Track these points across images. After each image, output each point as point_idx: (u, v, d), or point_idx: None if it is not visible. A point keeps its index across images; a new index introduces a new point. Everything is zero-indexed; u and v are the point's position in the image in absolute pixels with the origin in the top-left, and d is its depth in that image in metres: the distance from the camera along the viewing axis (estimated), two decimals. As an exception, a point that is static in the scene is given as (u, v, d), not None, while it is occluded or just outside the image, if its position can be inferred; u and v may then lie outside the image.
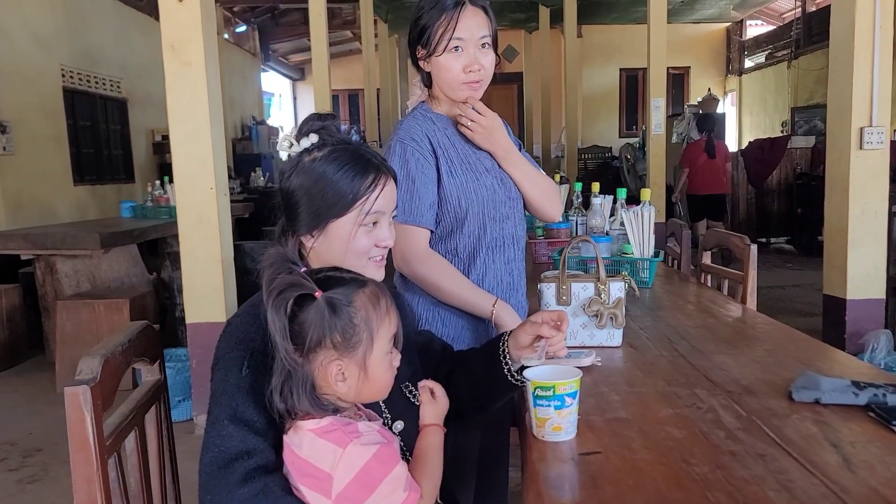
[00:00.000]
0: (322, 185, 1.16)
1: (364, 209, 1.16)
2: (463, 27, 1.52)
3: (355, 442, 0.96)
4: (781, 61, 12.38)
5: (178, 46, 2.97)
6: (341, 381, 1.01)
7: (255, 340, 1.06)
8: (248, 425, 1.02)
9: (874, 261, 3.30)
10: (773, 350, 1.64)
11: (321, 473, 0.96)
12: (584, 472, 1.05)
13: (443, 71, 1.56)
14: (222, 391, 1.05)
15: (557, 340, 1.18)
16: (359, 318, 1.00)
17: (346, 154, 1.18)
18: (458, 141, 1.65)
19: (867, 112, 3.18)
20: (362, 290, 1.03)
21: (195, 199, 3.08)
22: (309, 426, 0.99)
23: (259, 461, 1.01)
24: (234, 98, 10.73)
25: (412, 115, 1.66)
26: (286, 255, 1.03)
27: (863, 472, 1.00)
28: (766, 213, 8.42)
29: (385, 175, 1.20)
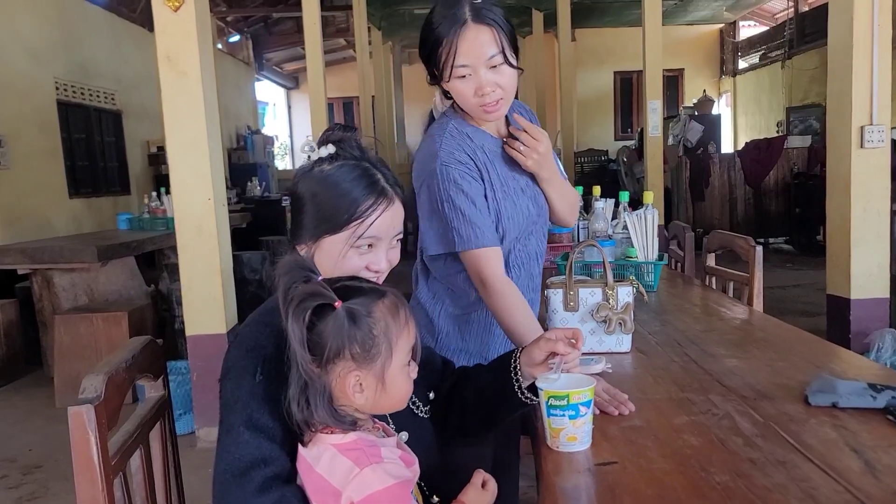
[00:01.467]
0: (322, 198, 1.13)
1: (357, 232, 1.12)
2: (465, 52, 1.37)
3: (375, 467, 0.94)
4: (775, 61, 12.41)
5: (173, 57, 2.95)
6: (359, 392, 0.99)
7: (266, 348, 1.04)
8: (264, 432, 1.00)
9: (877, 260, 3.29)
10: (784, 353, 1.62)
11: (331, 489, 0.94)
12: (601, 483, 1.02)
13: (457, 95, 1.45)
14: (236, 399, 1.03)
15: (572, 357, 1.16)
16: (378, 329, 0.98)
17: (355, 171, 1.15)
18: (496, 158, 1.53)
19: (867, 110, 3.17)
20: (382, 301, 1.00)
21: (193, 210, 3.06)
22: (332, 440, 0.97)
23: (276, 469, 0.99)
24: (228, 108, 10.71)
25: (448, 134, 1.50)
26: (303, 262, 1.01)
27: (887, 478, 0.97)
28: (764, 213, 8.42)
29: (389, 199, 1.15)
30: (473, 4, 1.38)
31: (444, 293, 1.59)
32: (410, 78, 14.13)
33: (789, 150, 8.39)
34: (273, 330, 1.06)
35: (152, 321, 4.28)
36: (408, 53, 14.34)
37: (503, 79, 1.41)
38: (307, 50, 5.93)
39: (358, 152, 1.17)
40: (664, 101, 6.63)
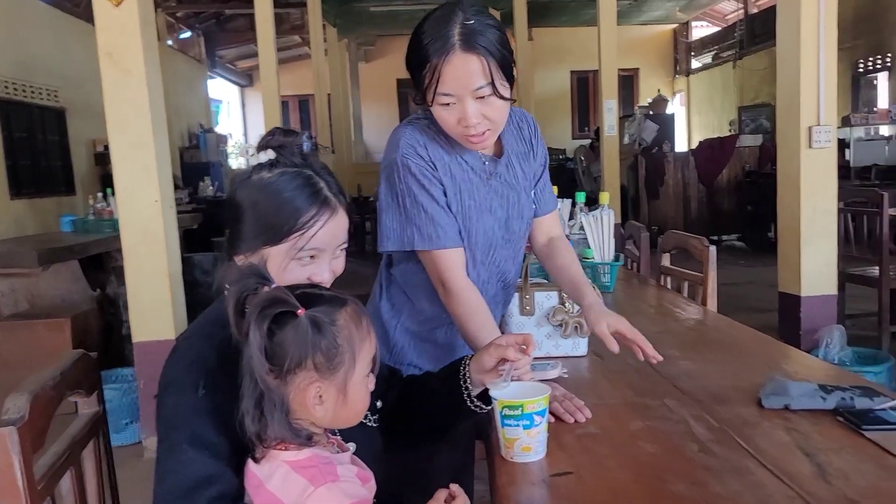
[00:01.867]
0: (262, 208, 1.07)
1: (299, 244, 1.07)
2: (449, 81, 1.25)
3: (330, 485, 0.90)
4: (727, 61, 12.68)
5: (115, 54, 2.84)
6: (318, 404, 0.94)
7: (209, 360, 0.99)
8: (208, 449, 0.95)
9: (826, 258, 3.36)
10: (738, 354, 1.62)
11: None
12: (556, 495, 1.00)
13: (440, 121, 1.33)
14: (177, 415, 0.98)
15: (523, 363, 1.12)
16: (342, 338, 0.94)
17: (296, 180, 1.09)
18: (470, 171, 1.42)
19: (815, 111, 3.23)
20: (345, 309, 0.96)
21: (139, 212, 2.96)
22: (286, 457, 0.93)
23: (222, 488, 0.94)
24: (180, 106, 10.46)
25: (420, 128, 1.40)
26: (256, 269, 0.96)
27: (838, 482, 0.97)
28: (717, 211, 8.57)
29: (332, 209, 1.10)
30: (465, 26, 1.24)
31: (403, 305, 1.51)
32: (367, 76, 14.04)
33: (741, 149, 8.56)
34: (215, 341, 1.01)
35: (98, 327, 4.14)
36: (364, 51, 14.23)
37: (491, 110, 1.29)
38: (259, 47, 5.82)
39: (300, 159, 1.12)
40: (620, 101, 6.71)
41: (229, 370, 0.97)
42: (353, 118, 12.65)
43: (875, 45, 9.71)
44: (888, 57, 9.48)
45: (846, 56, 10.12)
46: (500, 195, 1.45)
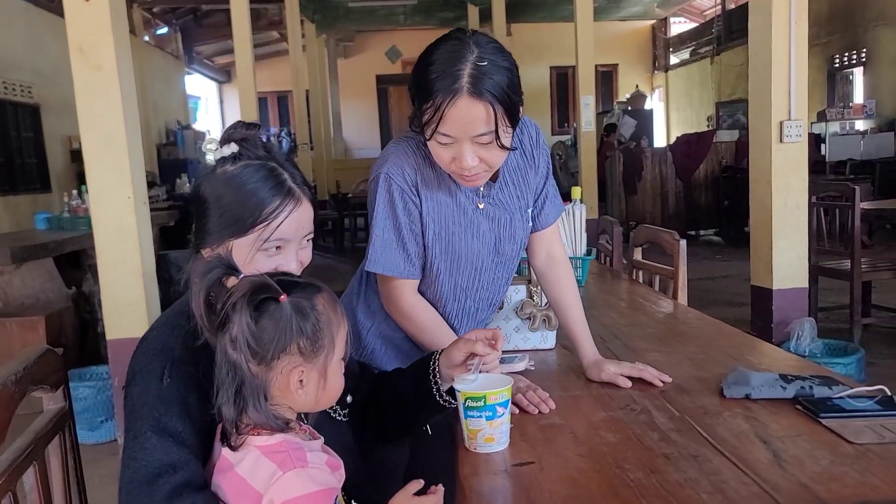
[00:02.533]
0: (227, 200, 1.08)
1: (264, 234, 1.07)
2: (451, 123, 1.20)
3: (299, 471, 0.91)
4: (704, 57, 12.79)
5: (86, 49, 2.81)
6: (300, 388, 0.96)
7: (174, 350, 1.01)
8: (172, 436, 0.96)
9: (797, 251, 3.40)
10: (705, 346, 1.65)
11: (251, 492, 0.91)
12: (517, 485, 1.01)
13: (433, 154, 1.29)
14: (142, 404, 0.98)
15: (492, 358, 1.14)
16: (323, 322, 0.96)
17: (259, 172, 1.10)
18: (459, 192, 1.39)
19: (786, 106, 3.27)
20: (321, 294, 0.98)
21: (112, 209, 2.93)
22: (257, 442, 0.94)
23: (185, 476, 0.94)
24: (157, 102, 10.37)
25: (408, 143, 1.37)
26: (225, 260, 0.97)
27: (793, 468, 0.99)
28: (694, 206, 8.65)
29: (297, 200, 1.10)
30: (478, 67, 1.18)
31: (381, 310, 1.49)
32: (346, 72, 13.99)
33: (718, 144, 8.64)
34: (181, 332, 1.03)
35: (73, 325, 4.10)
36: (343, 47, 14.18)
37: (489, 156, 1.25)
38: (235, 43, 5.78)
39: (263, 151, 1.12)
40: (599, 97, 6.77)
41: (194, 360, 0.99)
42: (333, 114, 12.61)
43: (850, 41, 9.84)
44: (863, 52, 9.61)
45: (822, 52, 10.26)
46: (491, 218, 1.43)
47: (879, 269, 4.13)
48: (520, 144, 1.44)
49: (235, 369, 0.92)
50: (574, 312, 1.50)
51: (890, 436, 1.07)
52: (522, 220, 1.48)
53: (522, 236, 1.50)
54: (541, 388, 1.31)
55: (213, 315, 0.94)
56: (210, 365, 0.98)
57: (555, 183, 1.55)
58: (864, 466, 0.98)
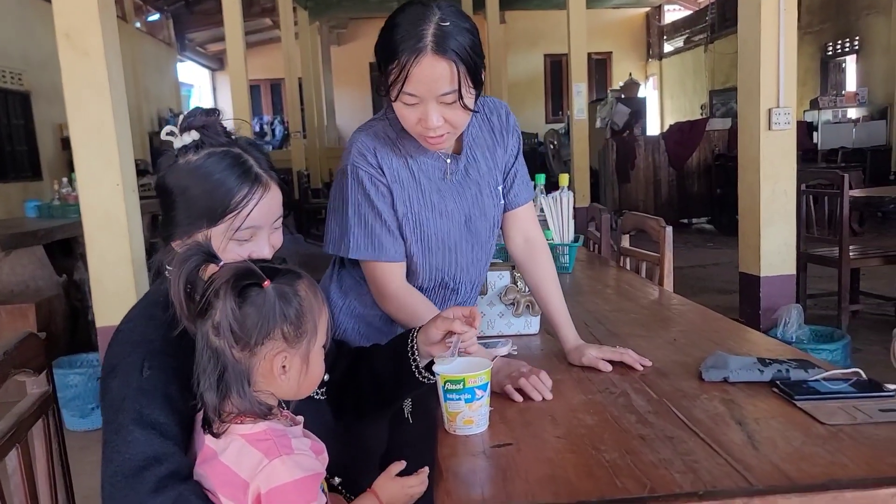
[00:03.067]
0: (194, 192, 1.06)
1: (235, 224, 1.07)
2: (415, 82, 1.22)
3: (285, 458, 0.92)
4: (698, 45, 12.78)
5: (73, 35, 2.80)
6: (283, 374, 0.97)
7: (153, 342, 1.01)
8: (156, 429, 0.96)
9: (785, 238, 3.42)
10: (687, 331, 1.66)
11: (238, 480, 0.92)
12: (495, 466, 1.03)
13: (400, 117, 1.31)
14: (123, 397, 0.98)
15: (469, 336, 1.14)
16: (306, 308, 0.97)
17: (224, 161, 1.08)
18: (428, 171, 1.40)
19: (774, 94, 3.28)
20: (302, 280, 0.99)
21: (100, 197, 2.93)
22: (241, 431, 0.94)
23: (171, 467, 0.95)
24: (149, 90, 10.32)
25: (373, 133, 1.39)
26: (204, 247, 0.97)
27: (765, 449, 1.01)
28: (686, 194, 8.66)
29: (264, 186, 1.10)
30: (440, 28, 1.21)
31: (352, 288, 1.50)
32: (340, 59, 13.93)
33: (711, 133, 8.65)
34: (158, 322, 1.03)
35: (63, 312, 4.10)
36: (336, 34, 14.11)
37: (454, 116, 1.28)
38: (227, 30, 5.75)
39: (225, 137, 1.11)
40: (593, 85, 6.77)
41: (173, 351, 0.99)
42: (326, 102, 12.56)
43: (843, 29, 9.84)
44: (856, 40, 9.62)
45: (814, 40, 10.26)
46: (459, 194, 1.44)
47: (868, 256, 4.15)
48: (488, 123, 1.48)
49: (218, 356, 0.93)
50: (554, 299, 1.51)
51: (862, 416, 1.08)
52: (493, 196, 1.49)
53: (494, 214, 1.50)
54: (544, 373, 1.29)
55: (192, 303, 0.94)
56: (190, 355, 0.98)
57: (525, 166, 1.57)
58: (834, 447, 1.00)
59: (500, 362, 1.32)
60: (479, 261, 1.51)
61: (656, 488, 0.91)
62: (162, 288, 1.09)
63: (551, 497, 0.91)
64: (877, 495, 0.89)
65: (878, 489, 0.89)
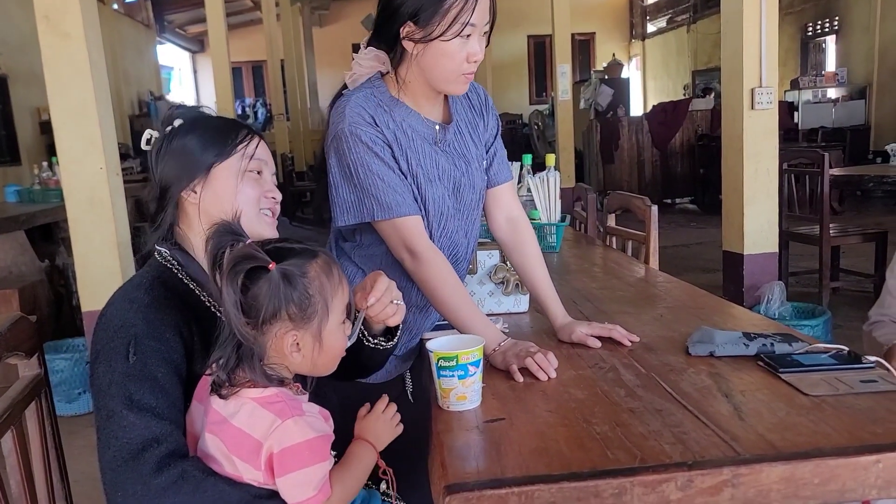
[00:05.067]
0: (196, 138, 1.15)
1: (247, 152, 1.16)
2: (479, 11, 1.29)
3: (297, 419, 0.95)
4: (681, 25, 12.79)
5: (53, 16, 2.76)
6: (296, 351, 1.00)
7: (136, 325, 1.02)
8: (149, 411, 0.98)
9: (767, 217, 3.46)
10: (673, 307, 1.69)
11: (251, 441, 0.94)
12: (488, 440, 1.05)
13: (444, 59, 1.32)
14: (110, 382, 1.00)
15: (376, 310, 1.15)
16: (314, 289, 0.99)
17: (215, 117, 1.21)
18: (417, 139, 1.41)
19: (757, 73, 3.31)
20: (315, 261, 1.01)
21: (84, 180, 2.90)
22: (252, 394, 0.97)
23: (170, 446, 0.97)
24: (128, 72, 10.17)
25: (363, 97, 1.38)
26: (230, 227, 1.00)
27: (751, 420, 1.03)
28: (670, 174, 8.72)
29: (256, 134, 1.20)
30: None
31: (354, 277, 1.47)
32: (322, 41, 13.78)
33: (693, 113, 8.70)
34: (140, 305, 1.04)
35: (47, 298, 4.06)
36: (318, 15, 13.96)
37: (483, 49, 1.35)
38: (208, 12, 5.68)
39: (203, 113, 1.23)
40: (577, 66, 6.77)
41: (157, 333, 1.02)
42: (308, 84, 12.44)
43: (823, 9, 9.89)
44: (835, 21, 9.68)
45: (795, 20, 10.31)
46: (450, 163, 1.45)
47: (848, 234, 4.22)
48: (468, 101, 1.51)
49: (236, 331, 0.96)
50: (540, 277, 1.52)
51: (843, 388, 1.11)
52: (479, 168, 1.51)
53: (481, 186, 1.52)
54: (552, 353, 1.29)
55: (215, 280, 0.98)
56: (173, 337, 1.03)
57: (504, 147, 1.60)
58: (818, 417, 1.03)
59: (509, 342, 1.33)
60: (462, 230, 1.51)
61: (647, 459, 0.93)
62: (144, 270, 1.11)
63: (544, 469, 0.93)
64: (858, 462, 0.92)
65: (860, 456, 0.92)
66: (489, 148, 1.56)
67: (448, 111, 1.49)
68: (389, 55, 1.40)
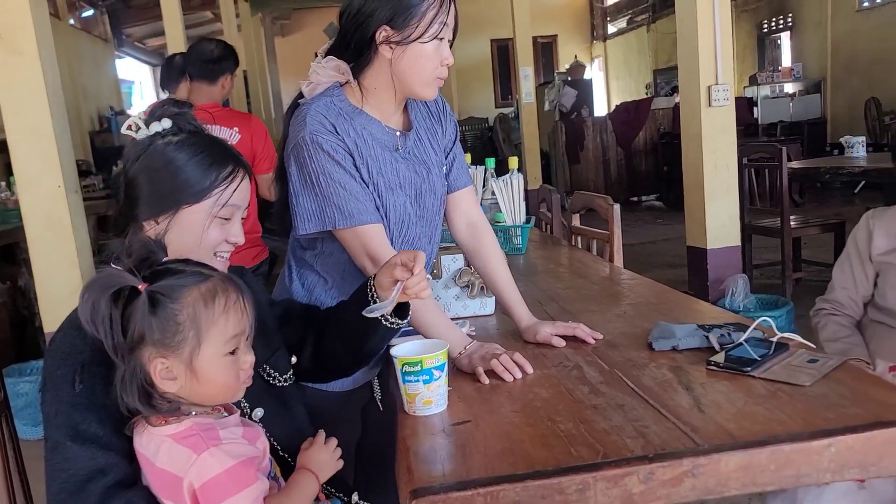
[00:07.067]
0: (176, 167, 1.10)
1: (221, 200, 1.12)
2: (452, 14, 1.36)
3: (213, 450, 0.92)
4: (641, 25, 12.96)
5: (5, 35, 2.71)
6: (169, 379, 0.96)
7: (83, 353, 1.00)
8: (94, 441, 0.96)
9: (728, 211, 3.53)
10: (636, 304, 1.71)
11: (175, 480, 0.92)
12: (454, 443, 1.05)
13: (422, 60, 1.35)
14: (55, 412, 0.98)
15: (414, 282, 1.15)
16: (183, 316, 0.94)
17: (204, 142, 1.14)
18: (378, 147, 1.41)
19: (713, 71, 3.37)
20: (196, 286, 0.96)
21: (41, 199, 2.85)
22: (167, 431, 0.95)
23: (116, 476, 0.95)
24: (87, 88, 10.01)
25: (323, 105, 1.38)
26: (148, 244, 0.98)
27: (710, 411, 1.06)
28: (635, 172, 8.82)
29: (242, 170, 1.16)
30: None
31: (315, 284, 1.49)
32: (285, 51, 13.70)
33: (656, 111, 8.81)
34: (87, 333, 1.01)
35: (9, 320, 3.98)
36: (280, 25, 13.88)
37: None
38: (166, 25, 5.61)
39: (194, 128, 1.15)
40: (540, 68, 6.82)
41: (104, 359, 0.98)
42: (273, 94, 12.35)
43: (778, 6, 10.11)
44: (789, 17, 9.89)
45: (751, 17, 10.52)
46: (411, 170, 1.46)
47: (809, 225, 4.32)
48: (426, 107, 1.53)
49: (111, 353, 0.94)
50: (503, 279, 1.54)
51: (795, 375, 1.14)
52: (439, 174, 1.53)
53: (442, 192, 1.54)
54: (519, 354, 1.30)
55: None
56: None
57: (463, 153, 1.62)
58: (773, 405, 1.05)
59: (475, 345, 1.34)
60: (424, 237, 1.53)
61: (609, 454, 0.95)
62: None
63: (509, 468, 0.94)
64: (811, 447, 0.95)
65: (813, 441, 0.95)
66: (448, 153, 1.58)
67: (408, 119, 1.50)
68: (352, 64, 1.40)
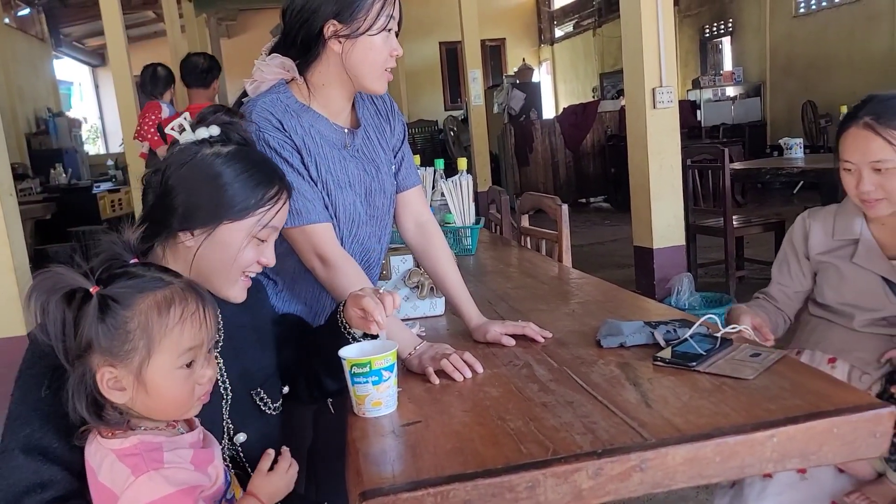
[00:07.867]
0: (223, 182, 1.07)
1: (262, 221, 1.10)
2: (397, 6, 1.37)
3: (152, 474, 0.88)
4: (587, 30, 13.17)
5: (-69, 30, 2.59)
6: (117, 389, 0.91)
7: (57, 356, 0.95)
8: (43, 454, 0.93)
9: (673, 211, 3.61)
10: (585, 302, 1.73)
11: (112, 496, 0.88)
12: (404, 444, 1.04)
13: (371, 53, 1.34)
14: (17, 415, 0.96)
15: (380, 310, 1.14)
16: (134, 324, 0.90)
17: (253, 158, 1.12)
18: (326, 145, 1.40)
19: (657, 74, 3.45)
20: (153, 293, 0.91)
21: (-26, 203, 2.74)
22: (112, 445, 0.91)
23: (56, 492, 0.92)
24: (23, 89, 9.65)
25: (269, 102, 1.36)
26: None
27: (657, 405, 1.07)
28: (583, 174, 8.94)
29: (286, 192, 1.14)
30: None
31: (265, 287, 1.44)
32: (231, 52, 13.46)
33: (603, 114, 8.95)
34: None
35: (-59, 331, 3.80)
36: (225, 26, 13.65)
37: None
38: (105, 24, 5.45)
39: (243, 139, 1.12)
40: (489, 71, 6.87)
41: None
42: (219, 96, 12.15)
43: (718, 12, 10.40)
44: (730, 22, 10.19)
45: (693, 22, 10.79)
46: (360, 168, 1.45)
47: (751, 224, 4.44)
48: (374, 107, 1.52)
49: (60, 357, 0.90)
50: (453, 279, 1.54)
51: (738, 369, 1.17)
52: (389, 173, 1.52)
53: (391, 191, 1.53)
54: (469, 353, 1.30)
55: None
56: None
57: (411, 152, 1.63)
58: (718, 398, 1.08)
59: (425, 345, 1.33)
60: (374, 236, 1.52)
61: (558, 450, 0.95)
62: None
63: (459, 467, 0.93)
64: (755, 438, 0.97)
65: (756, 433, 0.97)
66: (397, 153, 1.57)
67: (356, 117, 1.49)
68: (297, 61, 1.39)
